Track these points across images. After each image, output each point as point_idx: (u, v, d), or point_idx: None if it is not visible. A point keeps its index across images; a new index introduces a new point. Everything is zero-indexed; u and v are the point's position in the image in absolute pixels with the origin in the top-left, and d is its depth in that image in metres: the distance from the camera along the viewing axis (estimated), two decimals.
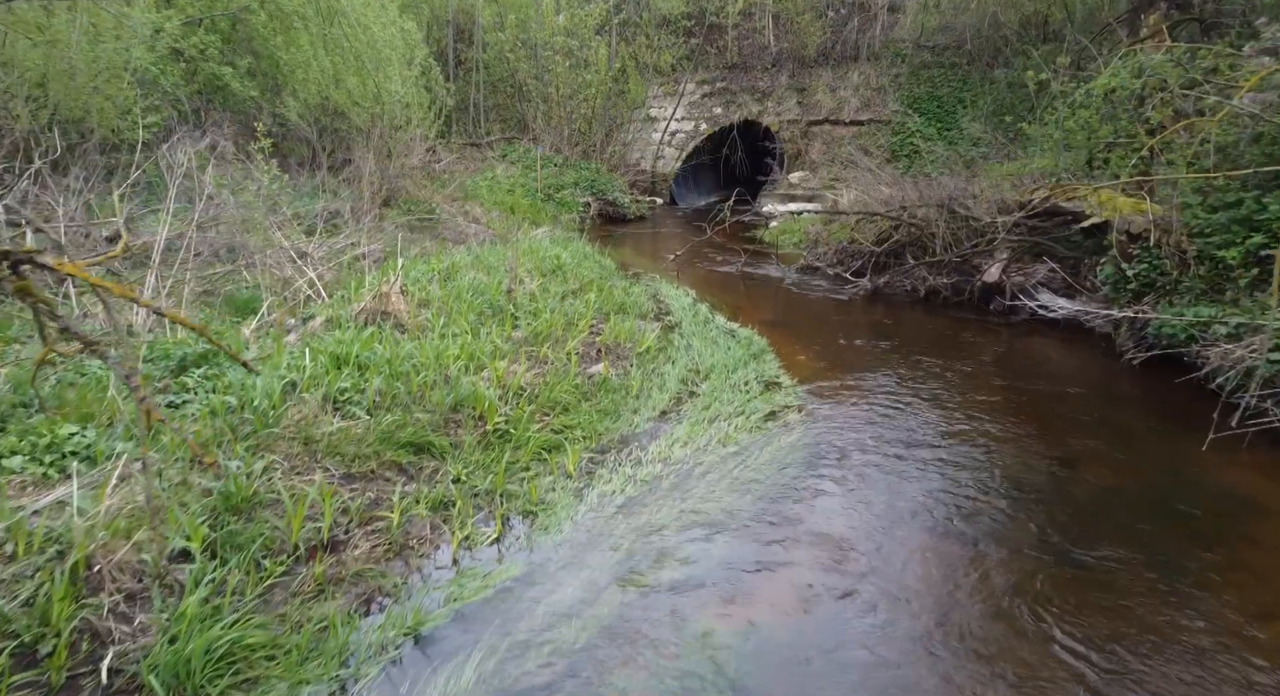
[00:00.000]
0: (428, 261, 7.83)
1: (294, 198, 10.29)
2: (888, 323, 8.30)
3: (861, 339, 7.69)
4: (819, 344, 7.50)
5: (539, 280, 8.12)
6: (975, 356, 7.15)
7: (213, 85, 10.89)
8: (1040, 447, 5.07)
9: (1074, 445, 5.14)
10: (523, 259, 9.25)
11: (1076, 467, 4.78)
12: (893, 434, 5.28)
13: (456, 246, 11.53)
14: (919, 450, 5.01)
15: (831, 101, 20.24)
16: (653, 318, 8.30)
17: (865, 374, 6.60)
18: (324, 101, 10.86)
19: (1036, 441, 5.19)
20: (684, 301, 8.93)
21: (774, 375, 6.46)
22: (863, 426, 5.41)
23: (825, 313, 8.69)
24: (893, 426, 5.42)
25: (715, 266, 11.50)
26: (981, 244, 8.45)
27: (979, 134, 10.75)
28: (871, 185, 11.87)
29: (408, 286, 6.77)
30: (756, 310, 8.90)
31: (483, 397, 4.89)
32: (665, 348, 7.09)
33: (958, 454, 4.97)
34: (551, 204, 15.87)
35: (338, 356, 4.96)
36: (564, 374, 5.76)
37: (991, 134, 9.95)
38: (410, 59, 12.58)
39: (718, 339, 7.42)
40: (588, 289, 8.41)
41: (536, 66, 18.47)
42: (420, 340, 5.68)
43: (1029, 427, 5.43)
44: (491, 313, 6.76)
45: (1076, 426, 5.50)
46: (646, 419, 5.48)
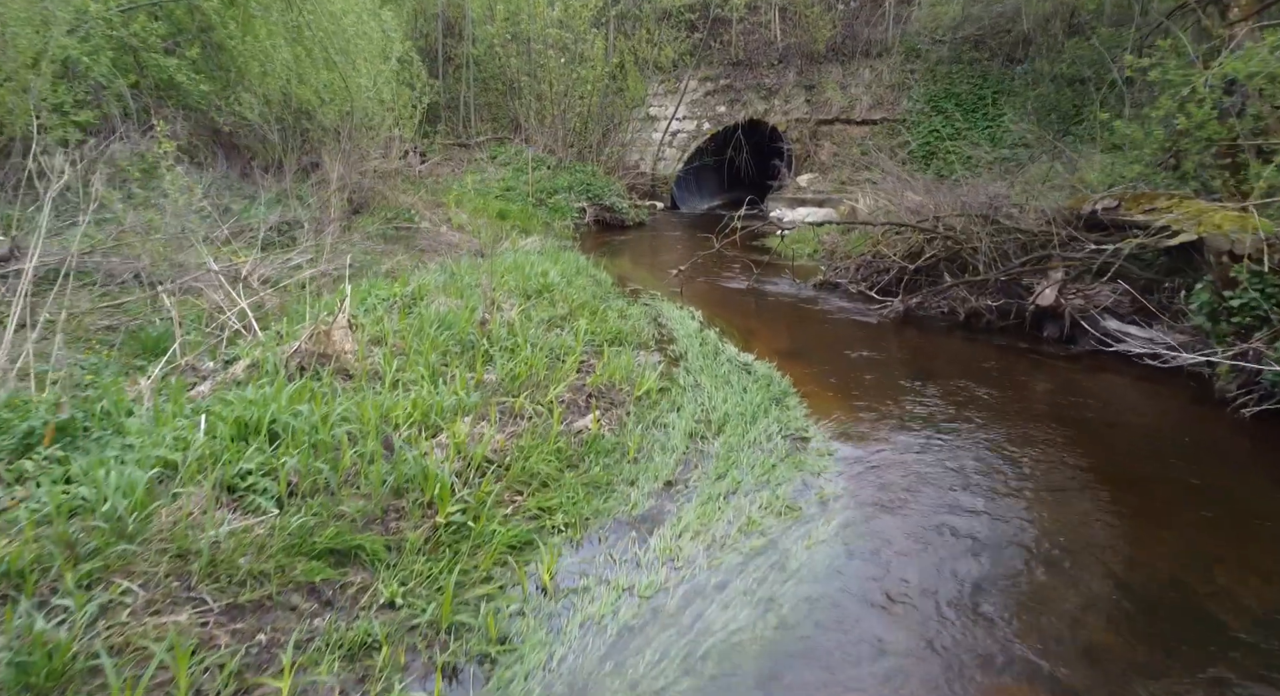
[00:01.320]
0: (390, 285, 6.69)
1: (249, 206, 9.16)
2: (925, 354, 7.16)
3: (898, 375, 6.56)
4: (849, 382, 6.36)
5: (521, 305, 6.98)
6: (1037, 399, 6.02)
7: (163, 80, 9.76)
8: (1161, 547, 3.94)
9: (1201, 542, 3.99)
10: (505, 277, 8.13)
11: (1215, 576, 3.64)
12: (961, 521, 4.14)
13: (435, 259, 10.44)
14: (1000, 554, 3.88)
15: (842, 99, 19.12)
16: (654, 346, 7.17)
17: (909, 426, 5.46)
18: (286, 98, 9.71)
19: (1149, 532, 4.06)
20: (689, 326, 7.80)
21: (801, 426, 5.33)
22: (919, 508, 4.28)
23: (852, 340, 7.56)
24: (957, 508, 4.29)
25: (722, 281, 10.37)
26: (1032, 261, 7.32)
27: (1022, 133, 9.55)
28: (896, 191, 10.74)
29: (358, 319, 5.63)
30: (772, 336, 7.77)
31: (434, 477, 3.75)
32: (669, 388, 5.97)
33: (1051, 556, 3.84)
34: (544, 209, 14.73)
35: (246, 422, 3.82)
36: (544, 433, 4.62)
37: (1040, 134, 8.81)
38: (387, 52, 11.43)
39: (730, 376, 6.28)
40: (578, 313, 7.27)
41: (529, 62, 17.32)
42: (364, 392, 4.55)
43: (1133, 509, 4.29)
44: (460, 350, 5.62)
45: (1193, 509, 4.36)
46: (647, 492, 4.35)
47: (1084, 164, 8.42)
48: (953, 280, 7.89)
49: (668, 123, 20.16)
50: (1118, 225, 6.68)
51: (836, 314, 8.56)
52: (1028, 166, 9.67)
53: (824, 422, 5.48)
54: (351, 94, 9.76)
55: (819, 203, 17.33)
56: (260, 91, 9.22)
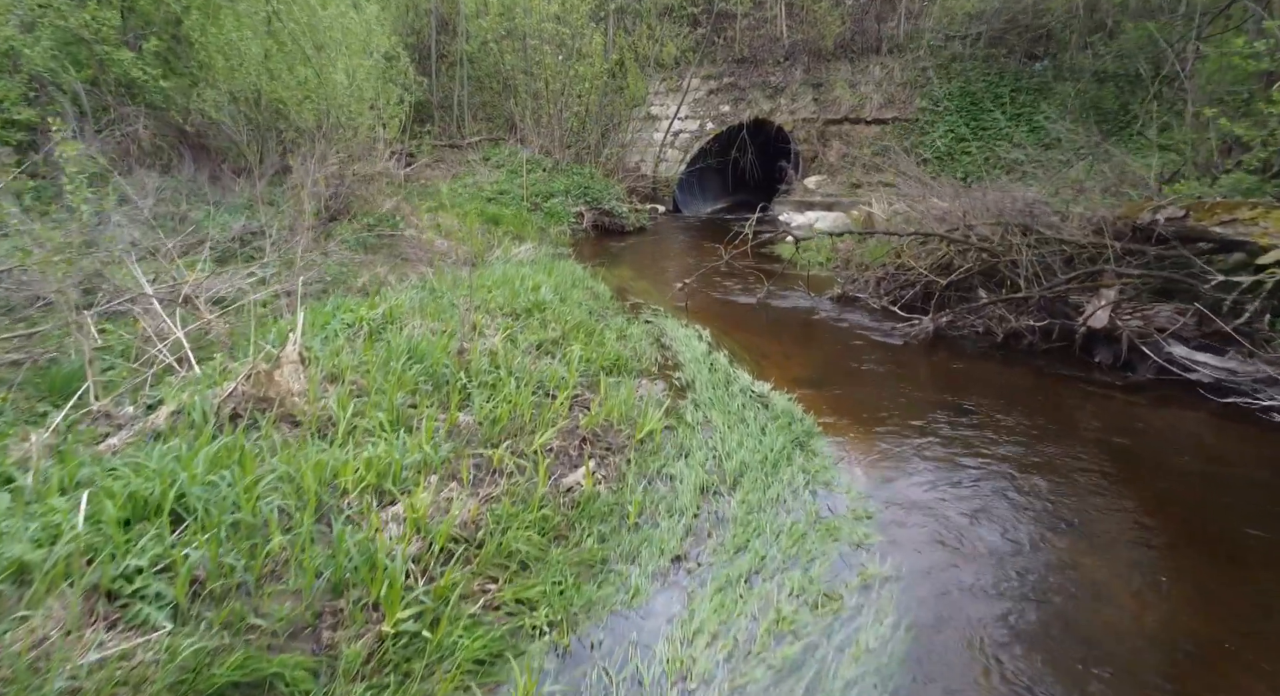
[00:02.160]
0: (357, 306, 5.88)
1: (212, 214, 8.36)
2: (962, 382, 6.36)
3: (933, 408, 5.76)
4: (880, 418, 5.56)
5: (506, 328, 6.18)
6: (1097, 439, 5.22)
7: (122, 76, 8.96)
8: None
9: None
10: (492, 293, 7.34)
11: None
12: (1038, 615, 3.34)
13: (419, 270, 9.66)
14: (1093, 665, 3.08)
15: (852, 98, 18.34)
16: (657, 373, 6.38)
17: (954, 475, 4.67)
18: (257, 95, 8.92)
19: (1268, 629, 3.27)
20: (696, 348, 7.01)
21: (831, 478, 4.54)
22: (982, 595, 3.48)
23: (877, 366, 6.76)
24: (1031, 597, 3.49)
25: (730, 294, 9.57)
26: (1080, 277, 6.52)
27: (1058, 132, 8.72)
28: (918, 196, 9.96)
29: (312, 351, 4.83)
30: (788, 359, 6.98)
31: (383, 569, 2.96)
32: (675, 427, 5.17)
33: (1154, 655, 3.05)
34: (539, 214, 13.93)
35: (144, 499, 3.03)
36: (527, 495, 3.83)
37: (1085, 134, 8.02)
38: (369, 47, 10.64)
39: (745, 411, 5.49)
40: (572, 336, 6.48)
41: (525, 59, 16.52)
42: (309, 447, 3.75)
43: (1240, 598, 3.50)
44: (433, 387, 4.82)
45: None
46: (652, 573, 3.55)
47: (1135, 166, 7.60)
48: (989, 297, 7.09)
49: (669, 122, 19.37)
50: (1186, 237, 5.89)
51: (857, 333, 7.76)
52: (1060, 169, 8.85)
53: (856, 471, 4.69)
54: (328, 91, 8.97)
55: (828, 206, 16.55)
56: (227, 88, 8.42)
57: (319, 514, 3.33)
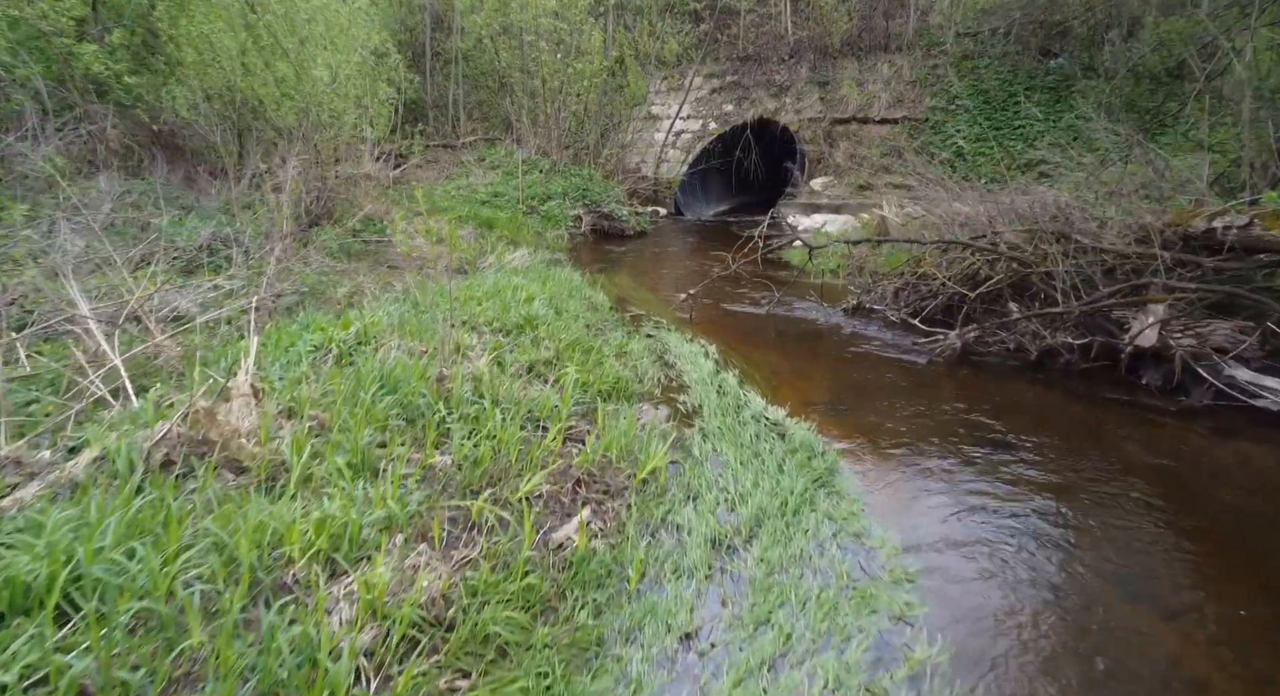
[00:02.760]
0: (326, 326, 5.29)
1: (181, 219, 7.78)
2: (996, 407, 5.76)
3: (967, 438, 5.17)
4: (908, 451, 4.97)
5: (494, 348, 5.60)
6: (1154, 474, 4.64)
7: (87, 72, 8.38)
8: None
9: None
10: (482, 305, 6.76)
11: None
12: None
13: (406, 279, 9.10)
14: None
15: (859, 97, 17.77)
16: (660, 396, 5.80)
17: (1000, 522, 4.08)
18: (232, 92, 8.34)
19: None
20: (703, 366, 6.43)
21: (863, 527, 3.95)
22: (1053, 684, 2.89)
23: (900, 387, 6.17)
24: (1107, 682, 2.91)
25: (737, 303, 8.98)
26: (1125, 290, 5.94)
27: (1094, 132, 8.07)
28: (936, 199, 9.38)
29: (269, 381, 4.25)
30: (803, 380, 6.39)
31: (323, 675, 2.38)
32: (682, 462, 4.60)
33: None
34: (535, 218, 13.35)
35: (24, 585, 2.44)
36: (510, 558, 3.25)
37: (1126, 134, 7.41)
38: (352, 42, 10.05)
39: (759, 442, 4.91)
40: (567, 356, 5.90)
41: (521, 56, 15.94)
42: (250, 501, 3.16)
43: None
44: (407, 421, 4.24)
45: None
46: (656, 656, 2.97)
47: (1181, 168, 6.99)
48: (1022, 311, 6.50)
49: (671, 122, 18.80)
50: (1251, 248, 5.30)
51: (876, 349, 7.17)
52: (1093, 171, 8.26)
53: (888, 516, 4.11)
54: (309, 88, 8.38)
55: (835, 208, 15.97)
56: (197, 85, 7.84)
57: (254, 593, 2.75)
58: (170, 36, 7.81)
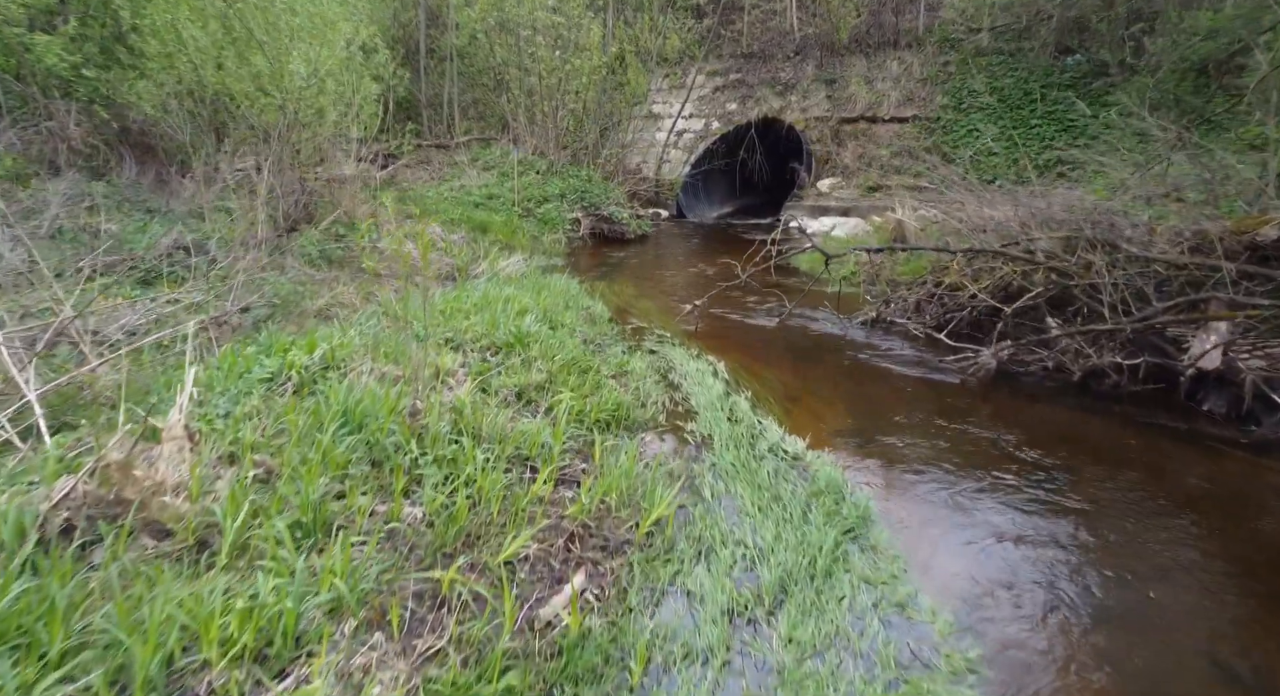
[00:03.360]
0: (287, 348, 4.68)
1: (144, 225, 7.19)
2: (1039, 435, 5.16)
3: (1014, 473, 4.58)
4: (951, 491, 4.37)
5: (479, 372, 5.00)
6: (1229, 516, 4.04)
7: (44, 66, 7.78)
8: None
9: None
10: (470, 320, 6.17)
11: None
12: None
13: (392, 287, 8.52)
14: None
15: (868, 95, 17.18)
16: (664, 424, 5.21)
17: (1069, 586, 3.49)
18: (201, 87, 7.75)
19: None
20: (711, 388, 5.84)
21: (906, 596, 3.35)
22: None
23: (932, 412, 5.57)
24: None
25: (746, 315, 8.38)
26: (1181, 306, 5.34)
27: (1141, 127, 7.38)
28: (956, 203, 8.79)
29: (209, 418, 3.64)
30: (823, 404, 5.79)
31: None
32: (691, 507, 4.00)
33: None
34: (531, 221, 12.76)
35: None
36: (484, 645, 2.66)
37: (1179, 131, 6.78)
38: (333, 35, 9.45)
39: (778, 482, 4.32)
40: (562, 378, 5.30)
41: (518, 52, 15.34)
42: (165, 580, 2.57)
43: None
44: (372, 465, 3.64)
45: None
46: None
47: (1243, 169, 6.37)
48: (1063, 328, 5.90)
49: (673, 121, 18.20)
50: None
51: (900, 367, 6.57)
52: (1135, 172, 7.67)
53: (936, 575, 3.52)
54: (286, 83, 7.78)
55: (844, 211, 15.38)
56: (163, 79, 7.24)
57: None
58: (134, 26, 7.22)
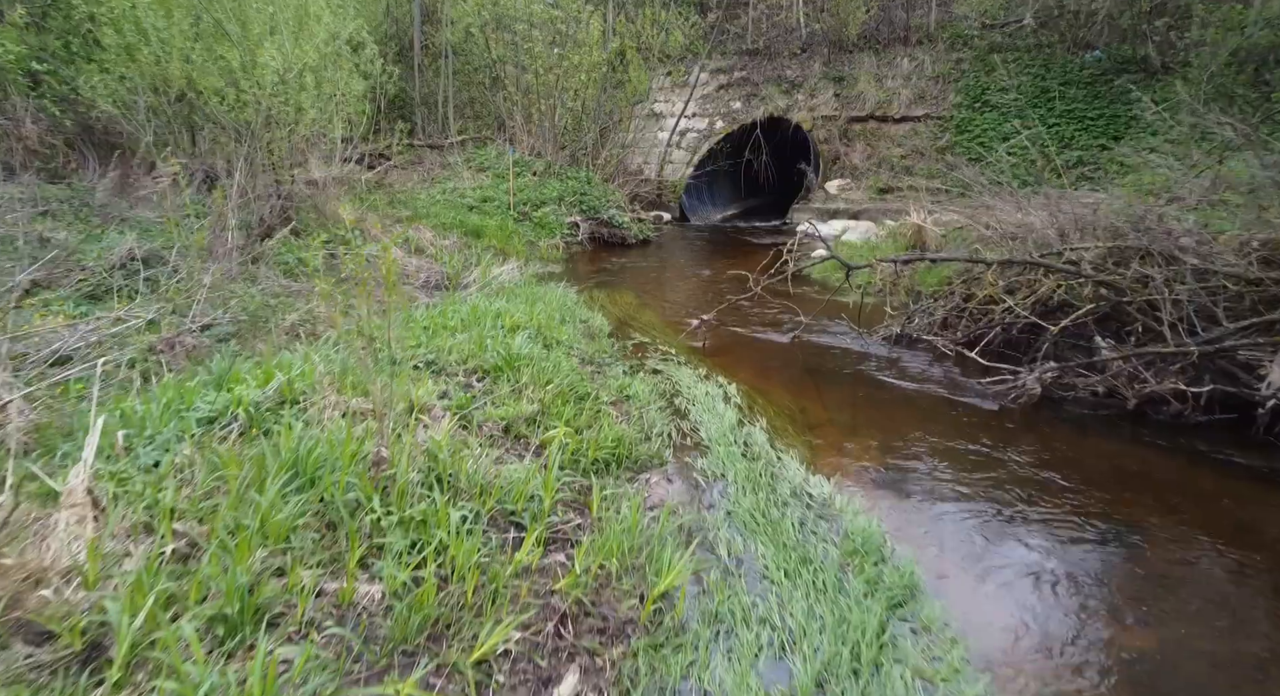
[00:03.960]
0: (239, 382, 4.06)
1: (102, 233, 6.59)
2: (1096, 474, 4.56)
3: (1074, 528, 3.97)
4: (1004, 548, 3.77)
5: (460, 404, 4.39)
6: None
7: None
8: None
9: None
10: (456, 338, 5.56)
11: None
12: None
13: (377, 298, 7.93)
14: None
15: (878, 93, 16.57)
16: (671, 460, 4.61)
17: (1155, 680, 2.88)
18: (167, 83, 7.14)
19: None
20: (723, 416, 5.24)
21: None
22: None
23: (971, 445, 4.96)
24: None
25: (757, 328, 7.76)
26: (1258, 327, 4.73)
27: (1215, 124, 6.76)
28: (980, 206, 8.19)
29: (124, 478, 3.03)
30: (847, 435, 5.18)
31: None
32: (705, 572, 3.40)
33: None
34: (528, 225, 12.16)
35: None
36: None
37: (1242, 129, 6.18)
38: (322, 29, 8.86)
39: (806, 536, 3.72)
40: (555, 409, 4.70)
41: (514, 49, 14.74)
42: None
43: None
44: (324, 529, 3.03)
45: None
46: None
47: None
48: (1117, 350, 5.30)
49: (675, 121, 17.60)
50: None
51: (930, 390, 5.97)
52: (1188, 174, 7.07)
53: (1001, 665, 2.91)
54: (260, 77, 7.17)
55: (855, 214, 14.78)
56: (121, 72, 6.63)
57: None
58: (90, 15, 6.62)
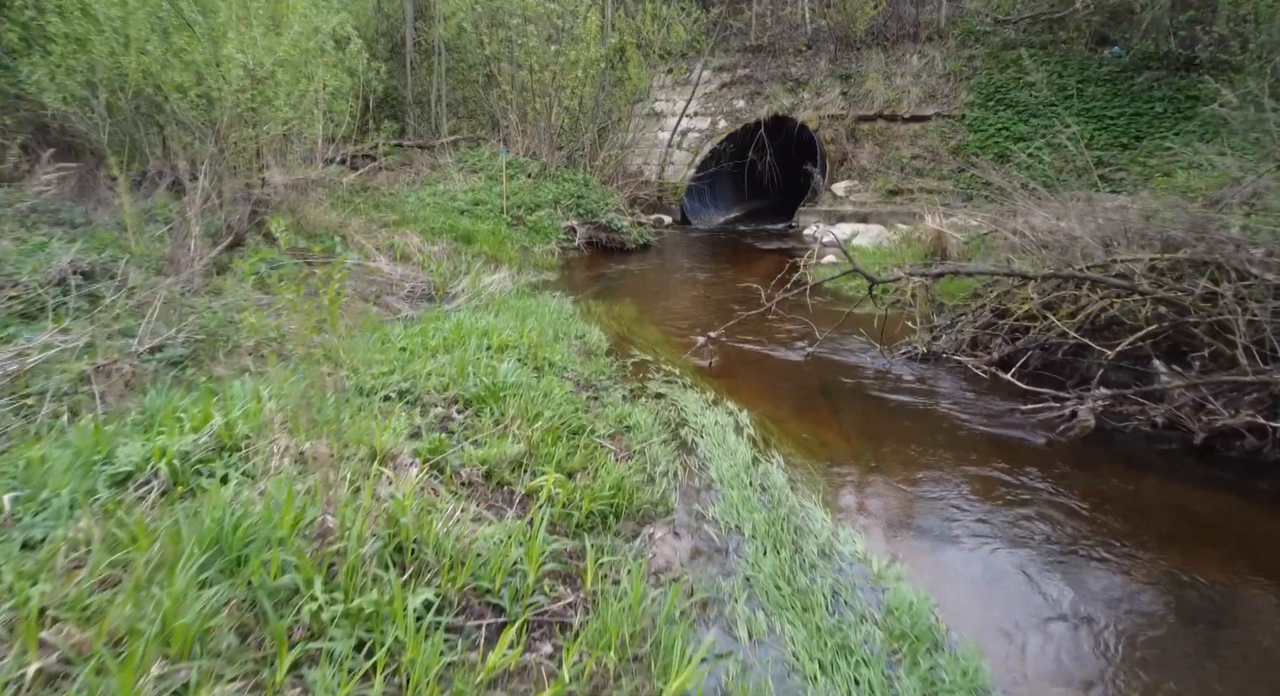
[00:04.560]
0: (175, 422, 3.44)
1: (45, 243, 5.98)
2: (1165, 524, 3.96)
3: (1152, 592, 3.37)
4: (1072, 627, 3.16)
5: (432, 449, 3.77)
6: None
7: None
8: None
9: None
10: (433, 362, 4.97)
11: None
12: None
13: (356, 311, 7.39)
14: None
15: (886, 92, 15.97)
16: (678, 508, 4.00)
17: None
18: (123, 77, 6.53)
19: None
20: (735, 452, 4.64)
21: None
22: None
23: (1020, 488, 4.36)
24: None
25: (766, 344, 7.15)
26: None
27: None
28: (1004, 210, 7.60)
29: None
30: (879, 476, 4.57)
31: None
32: (722, 662, 2.80)
33: None
34: (522, 230, 11.55)
35: None
36: None
37: None
38: (308, 22, 8.25)
39: (840, 610, 3.14)
40: (545, 450, 4.09)
41: (509, 45, 14.13)
42: None
43: None
44: (252, 621, 2.42)
45: None
46: None
47: None
48: (1182, 377, 4.69)
49: (677, 120, 17.00)
50: None
51: (965, 417, 5.36)
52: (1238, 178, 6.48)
53: None
54: (224, 73, 6.55)
55: (863, 217, 14.19)
56: (71, 65, 6.02)
57: None
58: (35, 4, 6.02)
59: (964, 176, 14.07)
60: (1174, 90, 12.95)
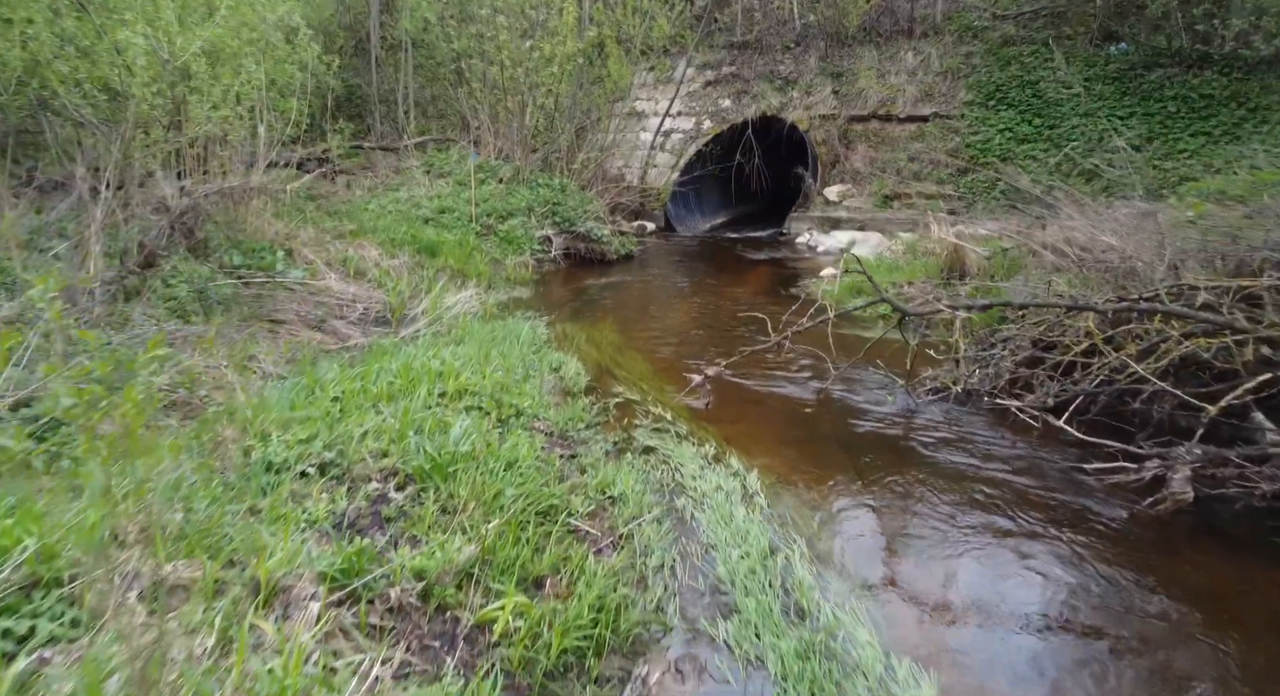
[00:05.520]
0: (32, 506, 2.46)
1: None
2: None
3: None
4: None
5: (346, 557, 2.78)
6: None
7: None
8: None
9: None
10: (373, 416, 3.99)
11: None
12: None
13: (297, 338, 6.40)
14: None
15: (880, 91, 15.15)
16: (678, 626, 3.06)
17: None
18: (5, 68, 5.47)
19: None
20: (746, 535, 3.71)
21: None
22: None
23: (1106, 581, 3.47)
24: None
25: (770, 381, 6.19)
26: None
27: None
28: (1036, 222, 6.76)
29: None
30: (922, 563, 3.65)
31: None
32: None
33: None
34: (492, 240, 10.55)
35: None
36: None
37: None
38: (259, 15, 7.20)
39: None
40: (504, 551, 3.12)
41: (478, 39, 13.11)
42: None
43: None
44: None
45: None
46: None
47: None
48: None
49: (660, 120, 16.06)
50: None
51: (1015, 481, 4.45)
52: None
53: None
54: (127, 63, 5.50)
55: (861, 225, 13.35)
56: None
57: None
58: None
59: (966, 180, 13.27)
60: (1187, 89, 12.23)
